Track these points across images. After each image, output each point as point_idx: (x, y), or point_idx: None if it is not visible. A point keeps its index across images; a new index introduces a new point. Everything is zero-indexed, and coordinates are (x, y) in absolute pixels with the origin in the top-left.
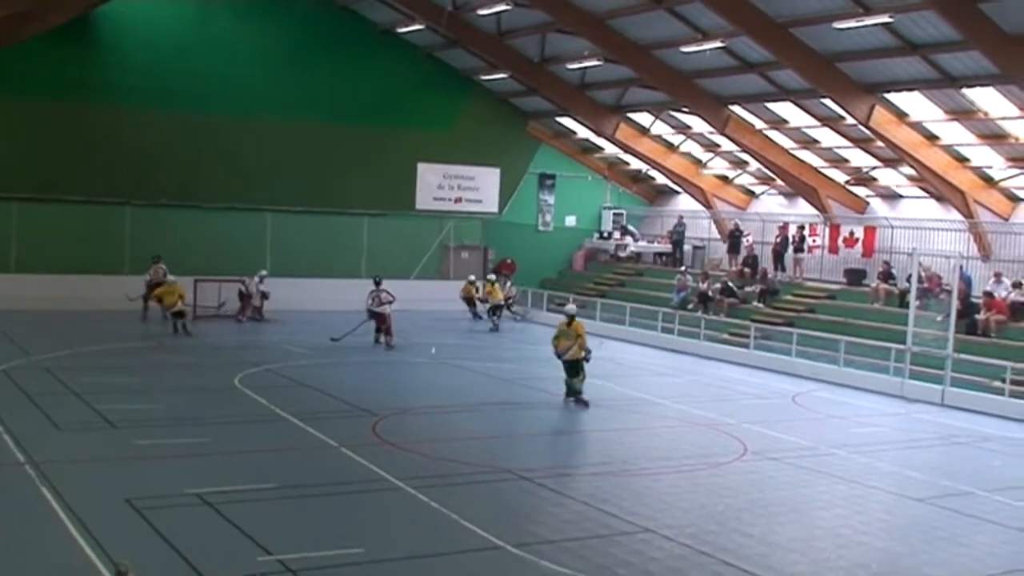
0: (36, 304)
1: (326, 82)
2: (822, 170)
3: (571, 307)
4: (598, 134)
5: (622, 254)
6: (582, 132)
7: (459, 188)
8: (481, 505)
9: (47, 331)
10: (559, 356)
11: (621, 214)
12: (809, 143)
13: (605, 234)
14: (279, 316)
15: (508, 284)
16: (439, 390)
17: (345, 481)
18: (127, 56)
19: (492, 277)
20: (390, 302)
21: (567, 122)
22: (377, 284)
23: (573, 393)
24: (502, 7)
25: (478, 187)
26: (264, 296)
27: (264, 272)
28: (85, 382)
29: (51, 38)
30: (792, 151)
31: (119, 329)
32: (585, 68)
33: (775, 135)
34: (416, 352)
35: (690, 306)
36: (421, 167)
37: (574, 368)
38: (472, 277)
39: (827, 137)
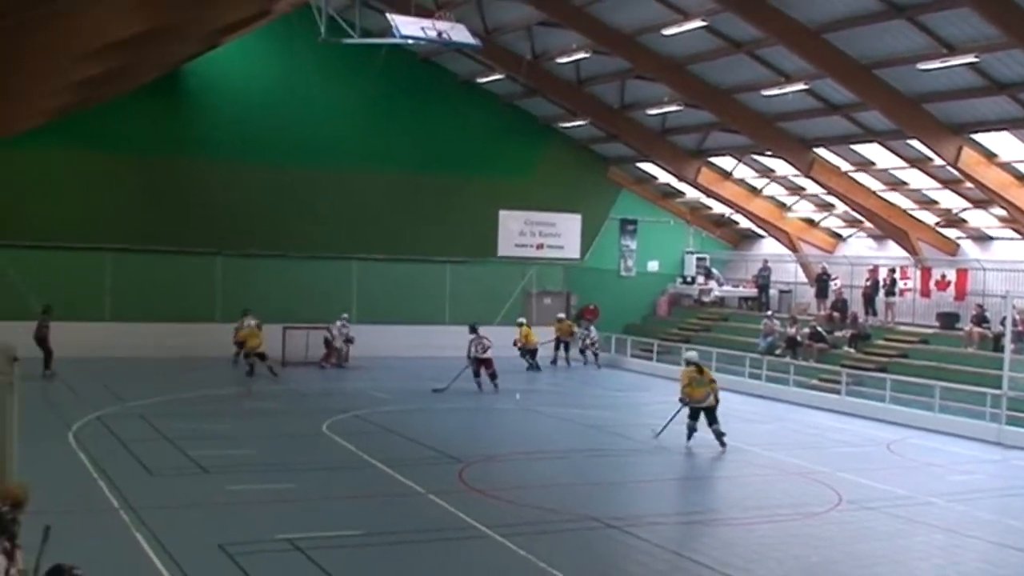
0: (129, 352)
1: (409, 132)
2: (911, 212)
3: (692, 354)
4: (679, 179)
5: (706, 299)
6: (663, 177)
7: (541, 234)
8: (569, 554)
9: (140, 378)
10: (687, 403)
11: (704, 258)
12: (897, 185)
13: (688, 279)
14: (363, 363)
15: (589, 328)
16: (525, 436)
17: (432, 528)
18: (215, 110)
19: (523, 320)
20: (490, 347)
21: (648, 167)
22: (475, 331)
23: (719, 436)
24: (581, 55)
25: (560, 233)
26: (348, 341)
27: (345, 316)
28: (177, 428)
29: (142, 94)
30: (880, 193)
31: (210, 376)
32: (665, 113)
33: (862, 177)
34: (501, 398)
35: (778, 351)
36: (503, 214)
37: (713, 414)
38: (522, 320)
39: (915, 179)
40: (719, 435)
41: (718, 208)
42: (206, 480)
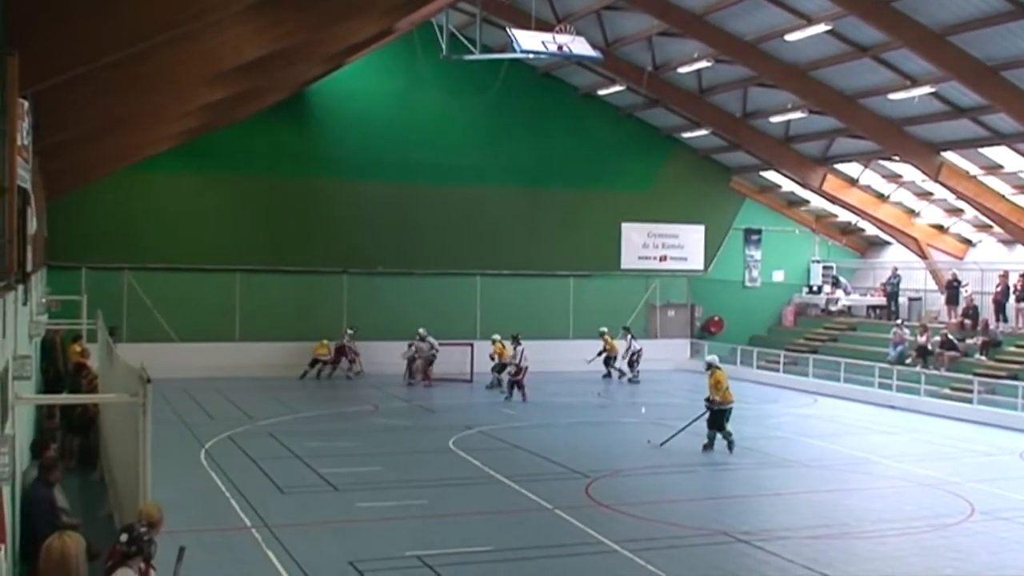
0: (259, 371)
1: (530, 147)
2: None
3: (715, 357)
4: (804, 186)
5: (833, 308)
6: (787, 185)
7: (664, 246)
8: (700, 569)
9: (270, 396)
10: (716, 407)
11: (831, 267)
12: None
13: (815, 288)
14: (489, 379)
15: (629, 338)
16: (650, 450)
17: (561, 544)
18: (339, 130)
19: (496, 336)
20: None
21: (772, 176)
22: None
23: (730, 439)
24: (702, 64)
25: (683, 244)
26: (423, 358)
27: (422, 331)
28: (307, 446)
29: (268, 116)
30: (1010, 197)
31: (338, 394)
32: (789, 120)
33: (991, 181)
34: (626, 412)
35: (908, 360)
36: (625, 226)
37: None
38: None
39: None
40: (732, 438)
41: (844, 216)
42: (336, 497)
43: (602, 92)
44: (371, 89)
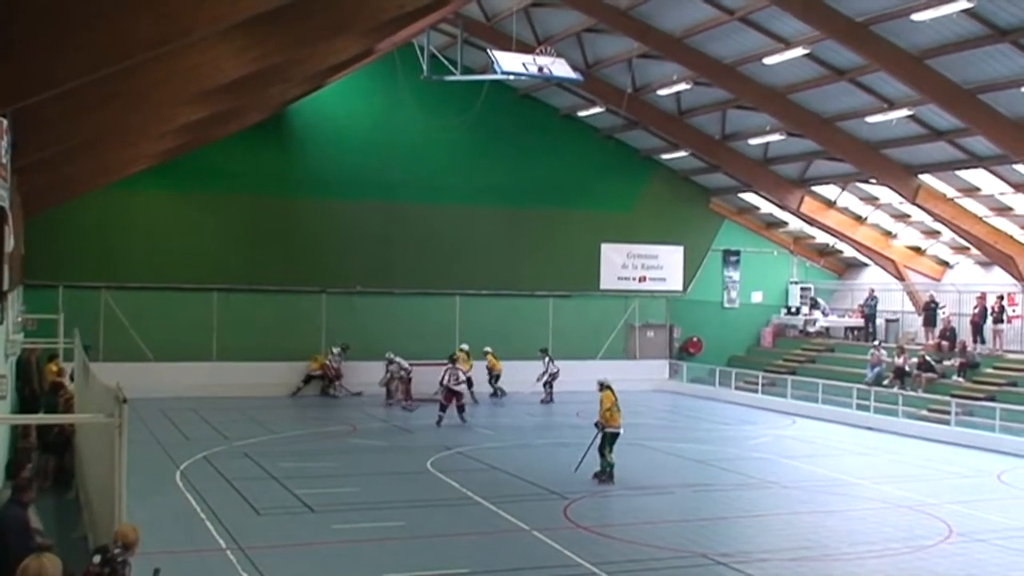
0: (236, 391)
1: (510, 167)
2: (1019, 238)
3: (606, 377)
4: (782, 208)
5: (811, 329)
6: (766, 207)
7: (643, 267)
8: None
9: (247, 417)
10: (603, 429)
11: (809, 288)
12: (1004, 210)
13: (793, 309)
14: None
15: (547, 360)
16: (629, 471)
17: (539, 566)
18: (319, 150)
19: (488, 349)
20: (463, 380)
21: (750, 197)
22: (452, 362)
23: (608, 469)
24: (682, 86)
25: (662, 265)
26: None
27: (390, 354)
28: (283, 467)
29: (247, 135)
30: (986, 219)
31: (316, 414)
32: (767, 143)
33: (968, 203)
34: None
35: (885, 382)
36: (604, 247)
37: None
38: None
39: (1022, 204)
40: (609, 469)
41: (822, 237)
42: (312, 519)
43: (582, 113)
44: (351, 109)
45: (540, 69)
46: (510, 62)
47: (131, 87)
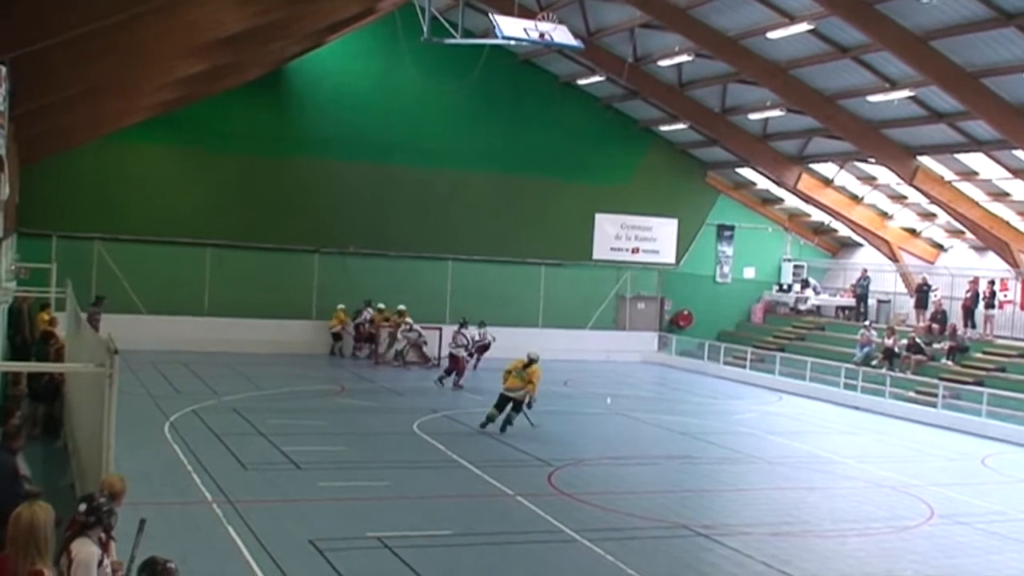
0: (226, 347)
1: (507, 133)
2: (1015, 224)
3: (534, 352)
4: (779, 185)
5: (802, 307)
6: (762, 183)
7: (636, 238)
8: (658, 561)
9: (236, 372)
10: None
11: (802, 266)
12: (1001, 196)
13: (785, 287)
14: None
15: (481, 331)
16: (615, 442)
17: (521, 531)
18: (317, 109)
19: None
20: (464, 345)
21: (747, 173)
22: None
23: (489, 420)
24: (683, 58)
25: (655, 238)
26: (415, 344)
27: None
28: (271, 423)
29: (245, 92)
30: (983, 204)
31: (305, 372)
32: (767, 118)
33: (965, 187)
34: (591, 402)
35: (874, 362)
36: (599, 217)
37: (504, 404)
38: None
39: (1020, 190)
40: (490, 418)
41: (817, 215)
42: (299, 476)
43: (582, 82)
44: (350, 69)
45: (541, 35)
46: (511, 27)
47: (131, 39)
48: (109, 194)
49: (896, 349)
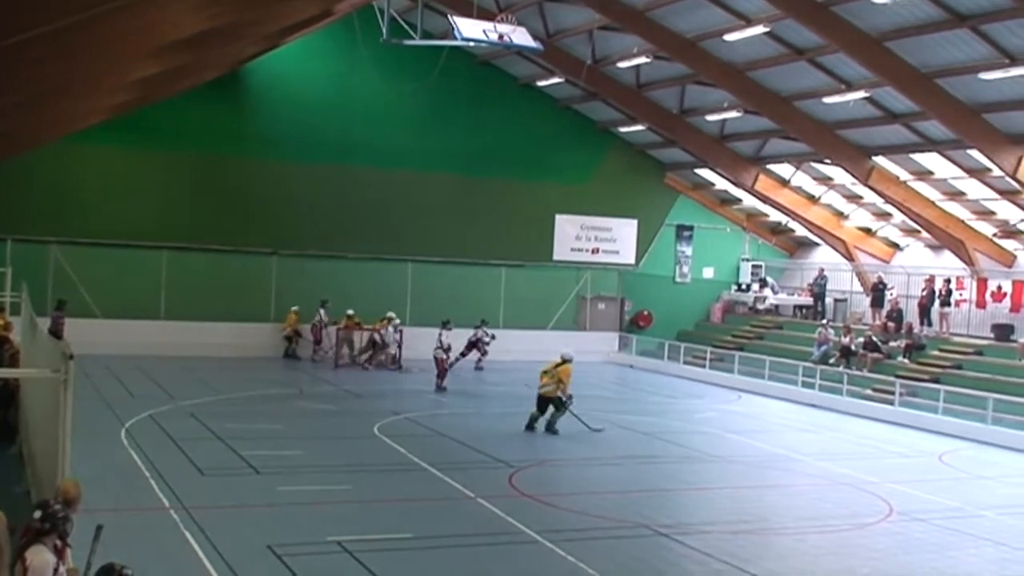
0: (183, 350)
1: (467, 135)
2: (969, 222)
3: (567, 352)
4: (737, 185)
5: (761, 307)
6: (721, 183)
7: (596, 239)
8: (619, 561)
9: (193, 376)
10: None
11: (760, 266)
12: (955, 195)
13: (744, 286)
14: (417, 364)
15: (481, 329)
16: (576, 442)
17: (482, 533)
18: (275, 110)
19: (295, 308)
20: (442, 347)
21: (706, 173)
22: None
23: (547, 427)
24: (642, 60)
25: (615, 238)
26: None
27: (391, 315)
28: (229, 428)
29: (202, 92)
30: (938, 203)
31: (263, 376)
32: (724, 119)
33: (920, 186)
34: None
35: (832, 360)
36: (559, 218)
37: (544, 404)
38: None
39: (974, 189)
40: (532, 423)
41: (775, 216)
42: (257, 480)
43: (541, 83)
44: (309, 70)
45: (500, 37)
46: (470, 28)
47: (85, 40)
48: (65, 197)
49: (853, 347)
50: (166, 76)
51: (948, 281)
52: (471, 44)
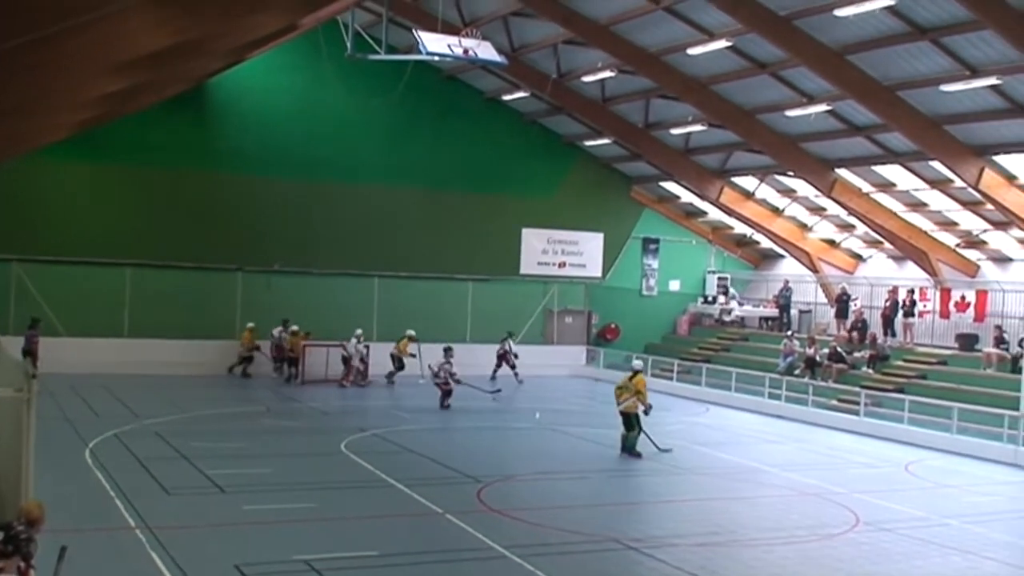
0: (147, 368)
1: (433, 149)
2: (931, 233)
3: (637, 363)
4: (702, 198)
5: (727, 318)
6: (686, 196)
7: (563, 253)
8: (588, 575)
9: (158, 395)
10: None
11: (726, 278)
12: (918, 206)
13: (710, 298)
14: (385, 381)
15: (507, 343)
16: (544, 456)
17: (450, 549)
18: (240, 125)
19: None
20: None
21: (671, 186)
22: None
23: (627, 447)
24: (606, 74)
25: (582, 252)
26: (362, 360)
27: (359, 332)
28: (195, 446)
29: (166, 108)
30: (901, 214)
31: (229, 394)
32: (689, 133)
33: (883, 198)
34: (520, 417)
35: (797, 371)
36: (526, 232)
37: (629, 421)
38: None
39: (936, 200)
40: (628, 445)
41: (740, 228)
42: (223, 499)
43: (507, 97)
44: (273, 85)
45: (465, 51)
46: (435, 43)
47: (46, 57)
48: (27, 214)
49: (818, 358)
50: (130, 92)
51: (912, 292)
52: (436, 59)
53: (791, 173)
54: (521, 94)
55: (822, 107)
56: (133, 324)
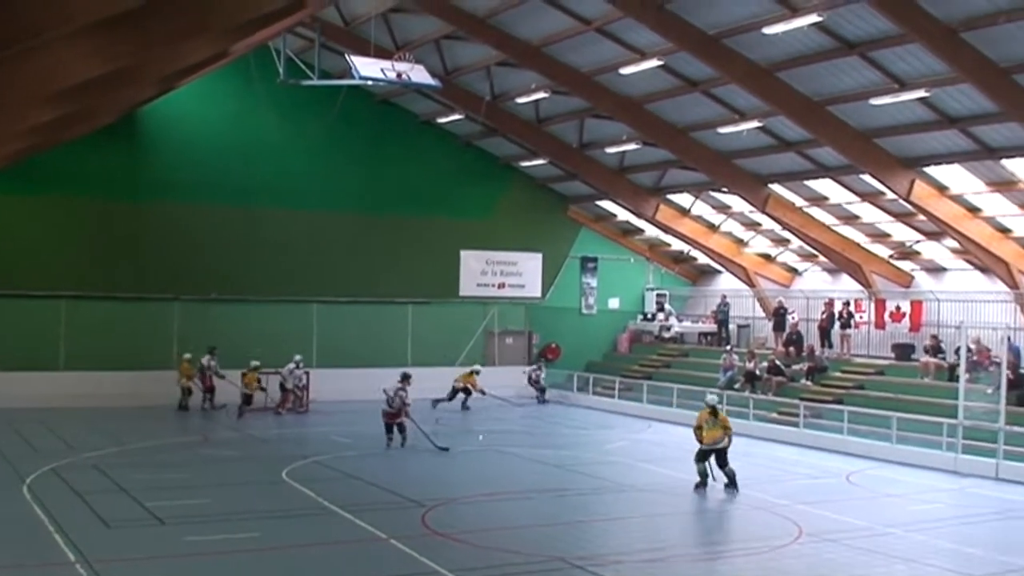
0: (84, 401)
1: (369, 173)
2: (865, 245)
3: (712, 397)
4: (638, 216)
5: (666, 335)
6: (623, 215)
7: (502, 274)
8: None
9: (95, 428)
10: (702, 444)
11: (664, 295)
12: (851, 219)
13: (649, 315)
14: (325, 407)
15: (538, 366)
16: (488, 478)
17: (397, 575)
18: (172, 153)
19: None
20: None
21: (607, 205)
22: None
23: (732, 480)
24: (540, 95)
25: (521, 272)
26: (300, 387)
27: (298, 357)
28: (133, 479)
29: (98, 137)
30: (834, 227)
31: (166, 425)
32: (624, 152)
33: (816, 212)
34: (464, 439)
35: (737, 385)
36: (464, 254)
37: (724, 456)
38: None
39: (868, 212)
40: (731, 478)
41: (677, 245)
42: (164, 531)
43: (441, 120)
44: (206, 112)
45: (399, 75)
46: (368, 67)
47: None
48: None
49: (757, 372)
50: (60, 122)
51: (847, 304)
52: (370, 83)
53: (725, 189)
54: (456, 116)
55: (754, 123)
56: (69, 357)
